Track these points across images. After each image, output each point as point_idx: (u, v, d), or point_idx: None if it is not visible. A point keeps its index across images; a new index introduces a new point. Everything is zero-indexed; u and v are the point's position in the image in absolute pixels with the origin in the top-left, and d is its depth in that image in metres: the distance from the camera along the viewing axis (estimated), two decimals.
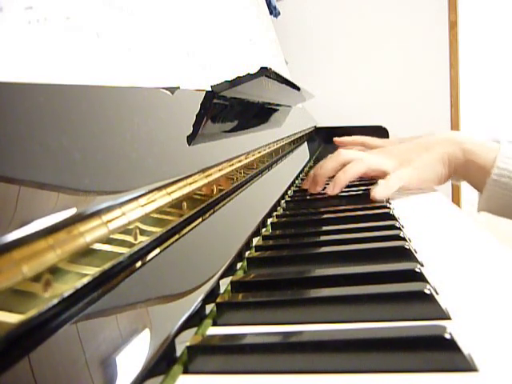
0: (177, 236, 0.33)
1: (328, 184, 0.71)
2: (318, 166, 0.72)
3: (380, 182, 0.66)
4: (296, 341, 0.27)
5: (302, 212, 0.61)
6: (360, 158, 0.69)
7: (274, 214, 0.61)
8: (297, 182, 0.89)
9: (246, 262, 0.43)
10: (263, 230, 0.54)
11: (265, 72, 0.53)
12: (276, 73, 0.60)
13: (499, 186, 0.61)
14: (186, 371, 0.26)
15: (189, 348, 0.27)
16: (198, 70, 0.54)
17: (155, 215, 0.29)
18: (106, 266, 0.23)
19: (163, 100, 0.40)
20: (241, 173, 0.52)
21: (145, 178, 0.29)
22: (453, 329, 0.25)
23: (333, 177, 0.70)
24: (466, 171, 0.66)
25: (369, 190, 0.70)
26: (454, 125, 1.98)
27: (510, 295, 0.32)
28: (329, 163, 0.70)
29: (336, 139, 1.16)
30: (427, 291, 0.30)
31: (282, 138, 0.85)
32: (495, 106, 2.01)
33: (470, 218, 0.54)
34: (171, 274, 0.30)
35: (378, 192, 0.64)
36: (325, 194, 0.71)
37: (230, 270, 0.38)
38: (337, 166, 0.69)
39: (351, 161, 0.69)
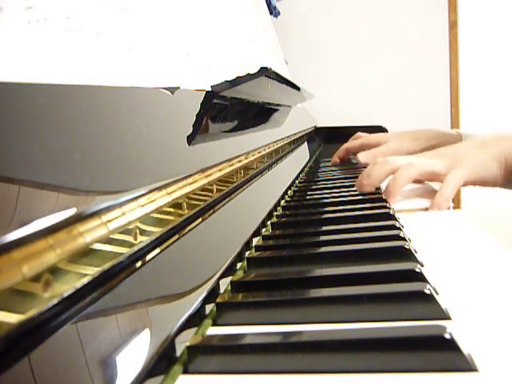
0: (177, 236, 0.33)
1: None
2: (365, 174, 0.67)
3: (437, 195, 0.62)
4: (296, 341, 0.27)
5: (302, 212, 0.61)
6: (409, 164, 0.64)
7: (274, 213, 0.61)
8: (297, 182, 0.89)
9: (245, 262, 0.43)
10: (263, 230, 0.54)
11: (265, 72, 0.53)
12: (276, 73, 0.60)
13: None
14: (185, 371, 0.26)
15: (189, 348, 0.27)
16: (197, 70, 0.54)
17: (155, 215, 0.29)
18: (106, 266, 0.23)
19: (163, 100, 0.40)
20: (241, 173, 0.52)
21: (145, 178, 0.29)
22: (453, 329, 0.25)
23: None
24: None
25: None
26: (454, 125, 1.98)
27: (510, 295, 0.32)
28: (376, 172, 0.65)
29: (335, 157, 1.13)
30: (427, 291, 0.30)
31: (282, 138, 0.85)
32: (495, 105, 2.01)
33: (470, 218, 0.54)
34: (171, 274, 0.30)
35: (438, 205, 0.60)
36: (325, 194, 0.71)
37: (229, 270, 0.38)
38: (384, 174, 0.65)
39: (399, 167, 0.64)
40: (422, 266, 0.38)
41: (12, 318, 0.17)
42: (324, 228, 0.51)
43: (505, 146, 0.62)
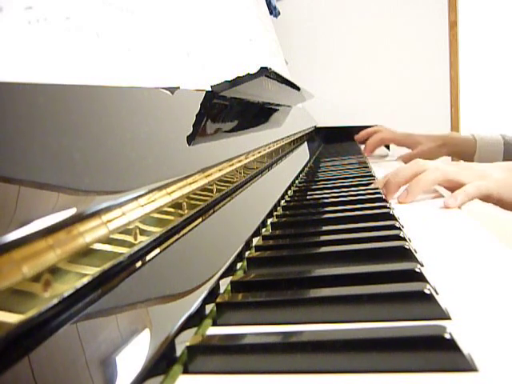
0: (177, 236, 0.33)
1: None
2: (394, 172, 0.70)
3: (458, 190, 0.62)
4: (296, 341, 0.27)
5: (302, 212, 0.61)
6: (437, 168, 0.66)
7: (274, 213, 0.61)
8: (297, 182, 0.89)
9: (245, 262, 0.43)
10: (263, 230, 0.54)
11: (265, 72, 0.53)
12: (276, 73, 0.60)
13: None
14: (185, 371, 0.26)
15: (189, 348, 0.27)
16: (197, 70, 0.54)
17: (155, 215, 0.29)
18: (106, 266, 0.23)
19: (163, 100, 0.40)
20: (241, 173, 0.52)
21: (145, 178, 0.29)
22: (453, 329, 0.25)
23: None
24: None
25: (368, 189, 0.70)
26: (454, 125, 1.98)
27: (509, 295, 0.32)
28: (405, 171, 0.68)
29: (356, 136, 1.41)
30: (427, 291, 0.30)
31: (282, 138, 0.85)
32: (495, 105, 2.01)
33: (470, 218, 0.54)
34: (171, 274, 0.30)
35: (453, 198, 0.61)
36: (325, 194, 0.71)
37: (229, 270, 0.38)
38: (412, 174, 0.67)
39: (427, 170, 0.67)
40: (422, 265, 0.38)
41: (12, 318, 0.17)
42: (324, 228, 0.51)
43: None
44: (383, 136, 1.33)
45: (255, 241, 0.49)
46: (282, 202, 0.69)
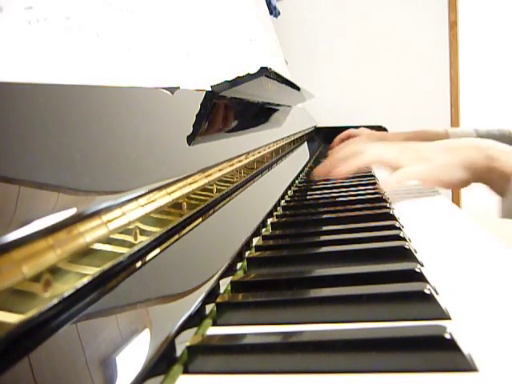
0: (177, 236, 0.33)
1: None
2: (335, 150, 0.74)
3: (397, 171, 0.66)
4: (296, 341, 0.27)
5: (302, 212, 0.61)
6: (375, 148, 0.69)
7: (274, 213, 0.61)
8: (297, 182, 0.89)
9: (245, 262, 0.42)
10: (263, 230, 0.54)
11: (265, 72, 0.53)
12: (276, 73, 0.60)
13: None
14: (186, 371, 0.26)
15: (189, 348, 0.27)
16: (197, 69, 0.54)
17: (155, 215, 0.29)
18: (106, 266, 0.23)
19: (163, 100, 0.40)
20: (241, 173, 0.52)
21: (145, 178, 0.29)
22: (453, 329, 0.25)
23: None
24: (488, 178, 0.64)
25: (368, 189, 0.70)
26: (454, 125, 1.98)
27: (509, 295, 0.32)
28: (346, 149, 0.72)
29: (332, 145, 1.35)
30: (427, 291, 0.30)
31: (282, 138, 0.85)
32: (495, 105, 2.01)
33: (470, 218, 0.54)
34: (171, 274, 0.30)
35: (387, 180, 0.65)
36: (325, 194, 0.71)
37: (229, 270, 0.38)
38: (353, 153, 0.70)
39: (366, 149, 0.69)
40: (422, 265, 0.38)
41: (12, 318, 0.17)
42: (324, 228, 0.51)
43: (470, 154, 0.65)
44: (351, 131, 1.31)
45: (255, 241, 0.49)
46: (282, 202, 0.69)
